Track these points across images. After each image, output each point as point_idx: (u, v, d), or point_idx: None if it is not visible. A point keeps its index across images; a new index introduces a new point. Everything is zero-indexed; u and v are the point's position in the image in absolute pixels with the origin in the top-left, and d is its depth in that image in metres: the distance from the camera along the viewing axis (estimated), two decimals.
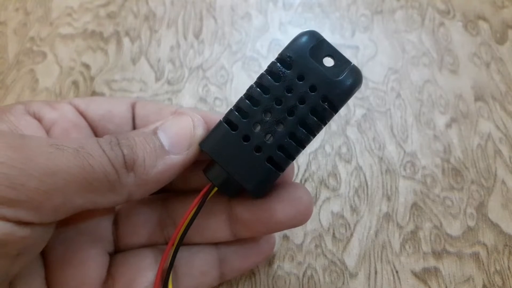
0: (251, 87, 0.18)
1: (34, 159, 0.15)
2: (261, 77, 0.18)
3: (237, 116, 0.18)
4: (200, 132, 0.18)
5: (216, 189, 0.19)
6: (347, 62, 0.18)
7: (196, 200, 0.18)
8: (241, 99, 0.18)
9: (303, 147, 0.18)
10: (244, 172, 0.18)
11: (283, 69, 0.17)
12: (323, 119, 0.18)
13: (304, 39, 0.18)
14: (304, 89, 0.17)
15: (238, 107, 0.18)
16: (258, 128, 0.18)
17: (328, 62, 0.18)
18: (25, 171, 0.14)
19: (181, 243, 0.19)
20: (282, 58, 0.18)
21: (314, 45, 0.17)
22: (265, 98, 0.17)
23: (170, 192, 0.22)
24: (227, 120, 0.18)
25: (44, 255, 0.19)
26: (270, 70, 0.18)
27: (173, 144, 0.18)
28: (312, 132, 0.18)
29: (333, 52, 0.18)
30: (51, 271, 0.19)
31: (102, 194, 0.16)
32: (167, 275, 0.19)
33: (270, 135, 0.17)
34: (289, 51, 0.17)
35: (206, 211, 0.19)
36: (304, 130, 0.17)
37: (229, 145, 0.18)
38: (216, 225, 0.20)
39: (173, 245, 0.19)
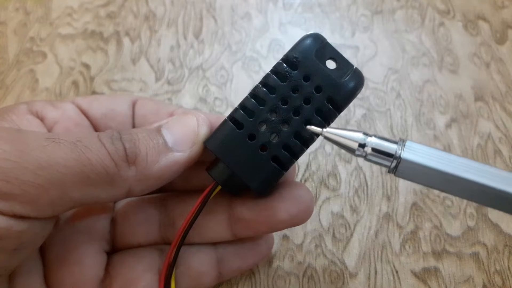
0: (256, 86, 0.18)
1: (28, 152, 0.14)
2: (266, 76, 0.18)
3: (243, 115, 0.18)
4: (204, 130, 0.18)
5: (219, 187, 0.19)
6: (350, 65, 0.18)
7: (200, 198, 0.19)
8: (246, 98, 0.18)
9: (307, 146, 0.18)
10: (249, 171, 0.18)
11: (289, 70, 0.18)
12: (328, 120, 0.18)
13: (309, 41, 0.18)
14: (310, 90, 0.18)
15: (243, 106, 0.18)
16: (264, 127, 0.18)
17: (330, 64, 0.18)
18: (19, 164, 0.14)
19: (183, 241, 0.19)
20: (288, 59, 0.18)
21: (319, 47, 0.18)
22: (271, 97, 0.18)
23: (169, 191, 0.22)
24: (233, 118, 0.18)
25: (42, 253, 0.19)
26: (276, 70, 0.18)
27: (177, 142, 0.18)
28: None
29: (336, 55, 0.18)
30: (49, 269, 0.19)
31: (101, 188, 0.16)
32: (169, 274, 0.19)
33: (275, 134, 0.18)
34: (295, 52, 0.18)
35: (206, 211, 0.19)
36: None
37: (234, 143, 0.18)
38: (216, 224, 0.20)
39: (176, 244, 0.19)
